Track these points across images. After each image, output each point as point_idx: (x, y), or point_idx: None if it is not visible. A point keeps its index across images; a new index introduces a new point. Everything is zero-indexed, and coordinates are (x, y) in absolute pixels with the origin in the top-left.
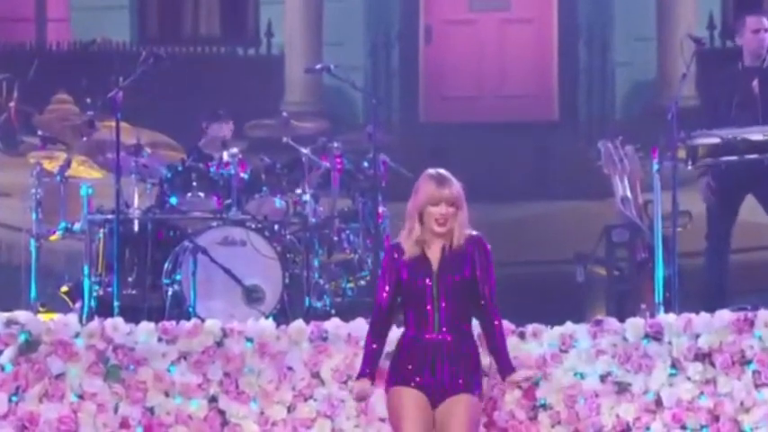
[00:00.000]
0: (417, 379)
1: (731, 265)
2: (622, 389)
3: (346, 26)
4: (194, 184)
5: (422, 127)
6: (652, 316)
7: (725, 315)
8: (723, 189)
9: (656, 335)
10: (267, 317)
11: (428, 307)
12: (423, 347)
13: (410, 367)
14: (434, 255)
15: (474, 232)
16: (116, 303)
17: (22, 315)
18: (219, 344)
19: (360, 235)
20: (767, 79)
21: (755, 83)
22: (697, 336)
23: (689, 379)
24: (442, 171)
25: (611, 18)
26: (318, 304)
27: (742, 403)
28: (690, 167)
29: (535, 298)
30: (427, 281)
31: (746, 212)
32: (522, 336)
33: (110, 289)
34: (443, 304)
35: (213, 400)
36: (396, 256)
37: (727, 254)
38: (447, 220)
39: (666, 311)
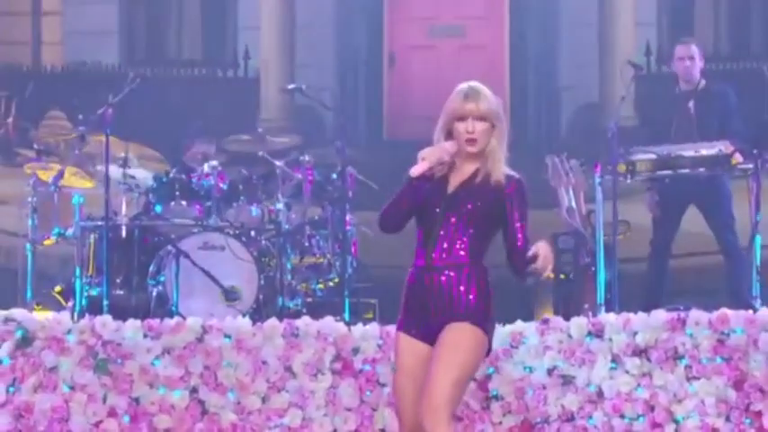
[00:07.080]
0: (417, 323)
1: (669, 269)
2: (567, 381)
3: (317, 51)
4: (177, 193)
5: (385, 143)
6: (594, 315)
7: (660, 315)
8: (666, 202)
9: (597, 332)
10: (244, 315)
11: (433, 234)
12: (423, 284)
13: (411, 309)
14: (457, 178)
15: (513, 173)
16: (105, 302)
17: (18, 313)
18: (200, 340)
19: (329, 241)
20: (700, 101)
21: (691, 104)
22: (635, 333)
23: (627, 372)
24: (474, 84)
25: (557, 46)
26: (291, 304)
27: (675, 395)
28: (629, 181)
29: None
30: (437, 203)
31: (684, 222)
32: None
33: (99, 289)
34: (445, 232)
35: (194, 391)
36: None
37: (667, 259)
38: (477, 138)
39: (607, 311)
